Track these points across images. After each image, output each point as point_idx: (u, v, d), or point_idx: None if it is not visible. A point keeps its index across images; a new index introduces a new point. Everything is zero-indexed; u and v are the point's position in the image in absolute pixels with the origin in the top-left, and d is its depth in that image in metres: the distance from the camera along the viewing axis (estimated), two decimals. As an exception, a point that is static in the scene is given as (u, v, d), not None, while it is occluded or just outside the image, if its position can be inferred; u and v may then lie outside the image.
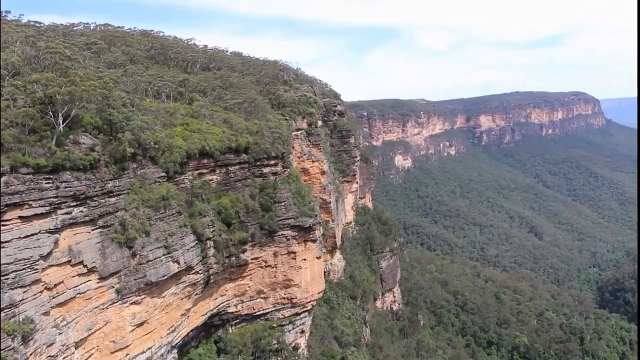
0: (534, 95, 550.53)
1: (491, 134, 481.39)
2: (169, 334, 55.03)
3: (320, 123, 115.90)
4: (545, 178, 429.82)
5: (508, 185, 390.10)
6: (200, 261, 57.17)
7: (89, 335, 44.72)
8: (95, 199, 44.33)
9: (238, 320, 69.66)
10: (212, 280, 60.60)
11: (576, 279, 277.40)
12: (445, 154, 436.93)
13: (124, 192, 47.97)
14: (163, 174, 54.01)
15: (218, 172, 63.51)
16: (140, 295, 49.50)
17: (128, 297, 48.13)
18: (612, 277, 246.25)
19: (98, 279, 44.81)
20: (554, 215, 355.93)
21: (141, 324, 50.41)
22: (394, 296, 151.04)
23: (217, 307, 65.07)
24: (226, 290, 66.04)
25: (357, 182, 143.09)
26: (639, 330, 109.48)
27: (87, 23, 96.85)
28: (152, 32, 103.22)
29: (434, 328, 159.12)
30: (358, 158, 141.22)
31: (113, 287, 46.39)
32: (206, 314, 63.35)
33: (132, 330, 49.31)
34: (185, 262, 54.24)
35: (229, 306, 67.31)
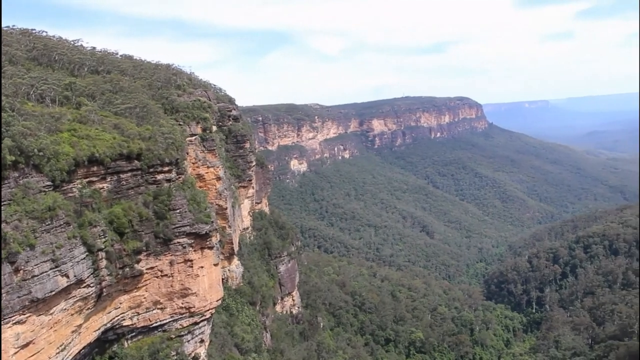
0: (423, 99, 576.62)
1: (383, 137, 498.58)
2: (58, 353, 51.71)
3: (215, 128, 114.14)
4: (435, 179, 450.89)
5: (400, 187, 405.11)
6: (91, 274, 54.25)
7: (-33, 360, 41.13)
8: (-28, 211, 40.92)
9: (134, 334, 66.88)
10: (105, 293, 57.78)
11: (465, 274, 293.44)
12: (340, 157, 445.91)
13: (5, 203, 44.57)
14: (49, 183, 50.72)
15: (109, 179, 60.68)
16: (24, 314, 45.99)
17: (11, 317, 44.47)
18: (496, 270, 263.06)
19: (-24, 298, 41.34)
20: (444, 214, 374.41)
21: (26, 345, 46.85)
22: (293, 300, 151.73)
23: (111, 321, 62.10)
24: (120, 303, 63.23)
25: (253, 187, 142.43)
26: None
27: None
28: (33, 31, 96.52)
29: (333, 329, 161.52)
30: (254, 163, 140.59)
31: (-6, 306, 42.94)
32: (99, 329, 60.27)
33: (16, 353, 45.72)
34: (75, 276, 51.26)
35: (123, 319, 64.48)
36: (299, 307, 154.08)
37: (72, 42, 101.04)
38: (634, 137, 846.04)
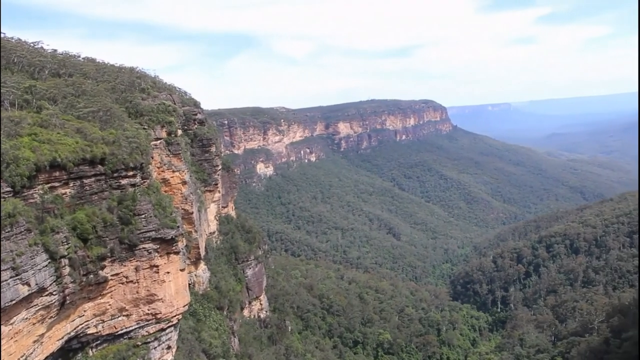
0: (388, 102, 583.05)
1: (349, 140, 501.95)
2: (19, 363, 50.42)
3: (180, 132, 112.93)
4: (401, 181, 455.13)
5: (367, 189, 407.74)
6: (54, 281, 52.93)
7: None
8: None
9: (99, 342, 65.46)
10: (68, 301, 56.45)
11: (432, 275, 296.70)
12: (306, 160, 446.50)
13: (-37, 210, 43.34)
14: (8, 189, 49.38)
15: (72, 185, 59.36)
16: (-16, 324, 44.85)
17: (-30, 327, 43.40)
18: (462, 270, 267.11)
19: None
20: (410, 216, 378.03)
21: (-15, 356, 45.68)
22: (260, 304, 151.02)
23: (74, 329, 60.69)
24: (85, 311, 61.88)
25: (219, 191, 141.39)
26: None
27: None
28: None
29: (301, 332, 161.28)
30: (220, 167, 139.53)
31: (-49, 316, 41.60)
32: (63, 338, 58.85)
33: (-24, 363, 44.56)
34: (36, 284, 49.96)
35: (88, 327, 63.11)
36: (266, 311, 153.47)
37: (32, 44, 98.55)
38: (592, 139, 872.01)
